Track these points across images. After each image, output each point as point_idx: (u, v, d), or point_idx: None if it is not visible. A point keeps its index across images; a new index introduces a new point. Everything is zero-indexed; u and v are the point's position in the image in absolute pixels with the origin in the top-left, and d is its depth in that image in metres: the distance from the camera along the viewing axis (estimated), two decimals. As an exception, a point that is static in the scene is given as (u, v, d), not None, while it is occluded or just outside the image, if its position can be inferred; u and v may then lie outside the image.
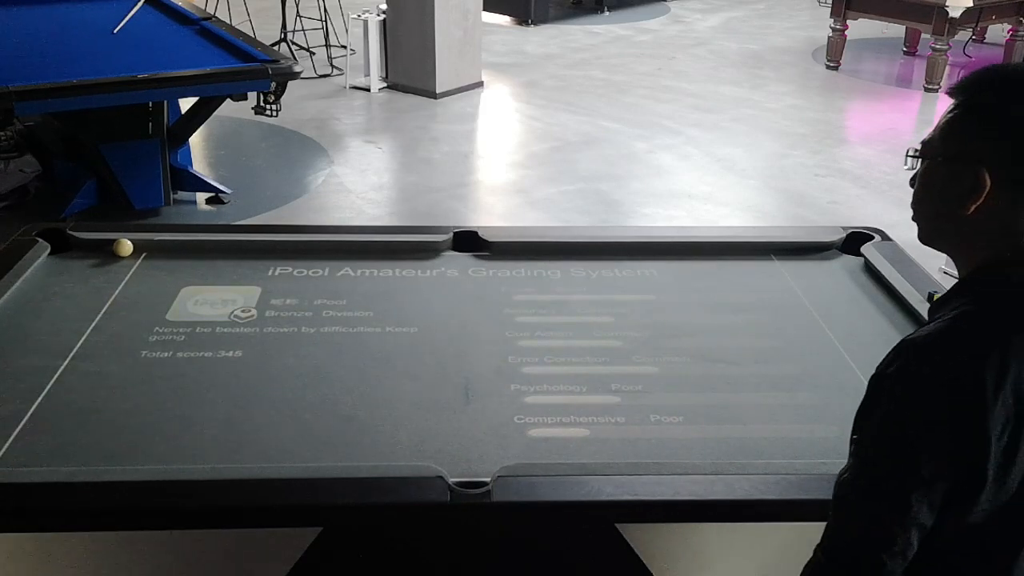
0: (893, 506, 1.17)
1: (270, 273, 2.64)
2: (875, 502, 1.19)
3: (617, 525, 1.78)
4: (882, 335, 2.43)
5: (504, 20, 9.93)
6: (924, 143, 1.31)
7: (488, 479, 1.78)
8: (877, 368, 1.23)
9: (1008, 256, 1.23)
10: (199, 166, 5.76)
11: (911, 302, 2.51)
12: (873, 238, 2.86)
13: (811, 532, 1.70)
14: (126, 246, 2.68)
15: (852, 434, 1.25)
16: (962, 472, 1.15)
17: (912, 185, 1.34)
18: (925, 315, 2.45)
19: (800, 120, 7.12)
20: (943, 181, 1.27)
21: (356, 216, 5.33)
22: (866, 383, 1.24)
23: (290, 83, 4.89)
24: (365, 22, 7.38)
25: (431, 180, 5.86)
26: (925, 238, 1.34)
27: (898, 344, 1.23)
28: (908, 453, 1.17)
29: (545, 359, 2.27)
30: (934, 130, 1.30)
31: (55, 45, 5.02)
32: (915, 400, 1.17)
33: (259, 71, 4.73)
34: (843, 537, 1.22)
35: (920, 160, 1.31)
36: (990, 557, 1.22)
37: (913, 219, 1.35)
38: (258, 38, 5.68)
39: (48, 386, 2.10)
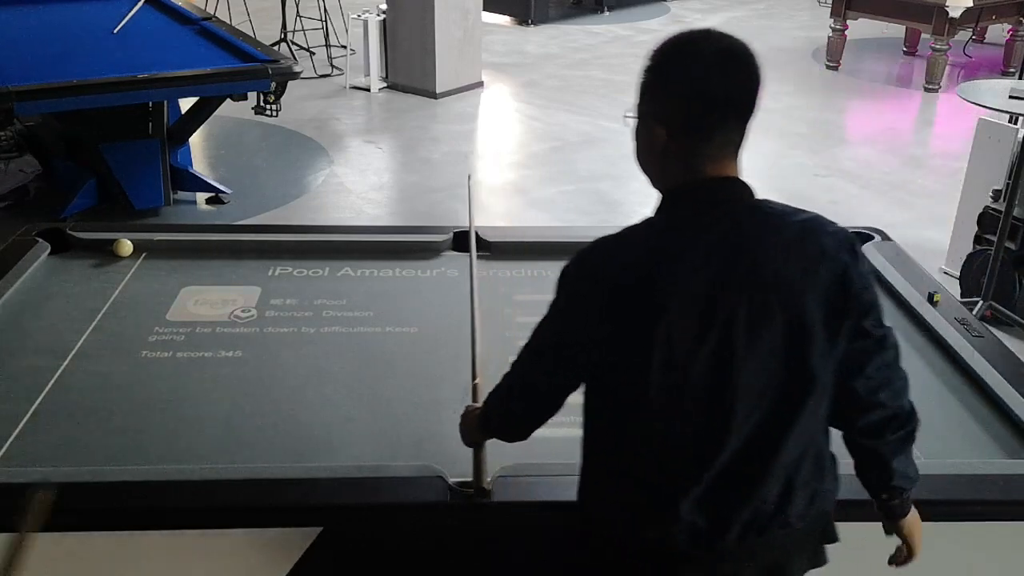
0: (524, 359, 1.56)
1: (270, 273, 2.64)
2: (521, 356, 1.57)
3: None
4: (882, 335, 2.43)
5: (504, 20, 9.92)
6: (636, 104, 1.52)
7: (488, 479, 1.78)
8: None
9: (688, 182, 1.45)
10: (199, 166, 5.75)
11: (911, 302, 2.51)
12: (873, 238, 2.85)
13: (811, 532, 1.69)
14: (126, 246, 2.68)
15: None
16: (595, 350, 1.44)
17: None
18: (925, 315, 2.45)
19: (800, 120, 7.12)
20: (640, 135, 1.49)
21: (356, 216, 5.33)
22: None
23: (290, 83, 4.88)
24: (365, 22, 7.38)
25: (431, 180, 5.86)
26: (644, 173, 1.54)
27: None
28: (544, 326, 1.52)
29: (545, 359, 2.26)
30: None
31: (55, 45, 5.01)
32: (557, 288, 1.49)
33: (259, 71, 4.73)
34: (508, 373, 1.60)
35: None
36: (652, 433, 1.45)
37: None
38: (258, 38, 5.68)
39: (48, 386, 2.10)
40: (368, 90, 7.48)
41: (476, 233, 2.79)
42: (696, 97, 1.40)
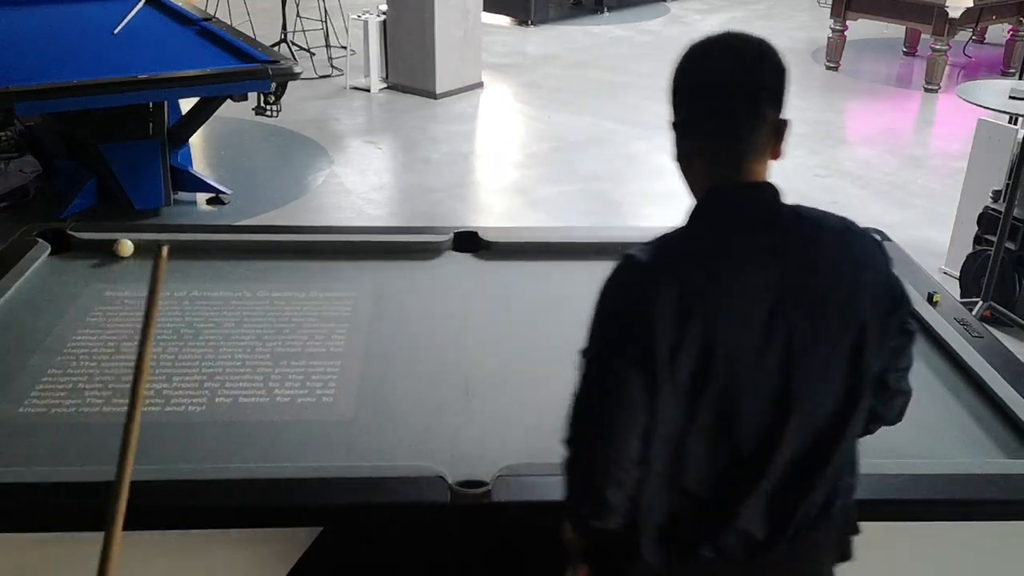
0: (579, 393, 1.43)
1: (269, 273, 2.64)
2: (576, 396, 1.44)
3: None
4: (882, 335, 2.43)
5: (504, 20, 9.92)
6: None
7: (488, 479, 1.79)
8: None
9: (711, 190, 1.44)
10: (199, 166, 5.75)
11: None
12: (873, 238, 2.85)
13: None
14: (126, 246, 2.68)
15: None
16: (646, 367, 1.35)
17: None
18: (925, 315, 2.45)
19: (800, 120, 7.09)
20: (674, 145, 1.48)
21: (356, 216, 5.33)
22: None
23: (290, 83, 4.89)
24: (365, 22, 7.38)
25: (431, 180, 5.86)
26: (686, 187, 1.50)
27: None
28: (590, 349, 1.42)
29: (545, 359, 2.27)
30: None
31: (55, 45, 5.01)
32: (597, 310, 1.43)
33: (259, 71, 4.73)
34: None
35: None
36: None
37: None
38: (258, 38, 5.68)
39: (47, 386, 2.10)
40: (368, 90, 7.48)
41: (476, 233, 2.80)
42: (713, 104, 1.41)
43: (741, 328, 1.36)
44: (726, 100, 1.40)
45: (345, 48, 7.84)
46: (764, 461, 1.42)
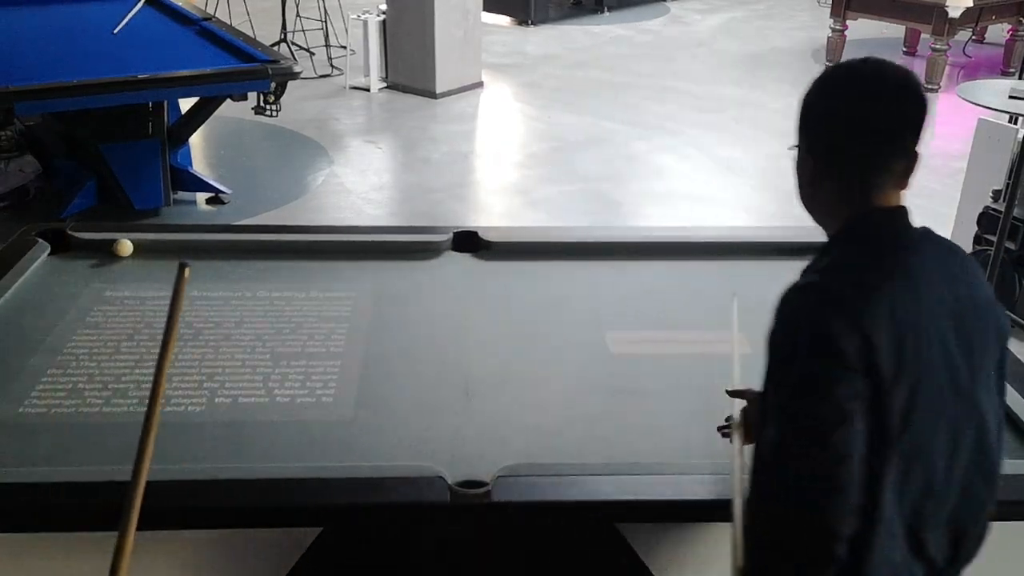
0: (782, 446, 1.31)
1: (269, 272, 2.64)
2: (779, 454, 1.31)
3: (617, 525, 1.78)
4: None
5: (504, 20, 9.92)
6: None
7: (488, 479, 1.79)
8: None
9: (860, 215, 1.42)
10: (199, 166, 5.75)
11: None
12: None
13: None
14: (126, 246, 2.68)
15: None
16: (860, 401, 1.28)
17: None
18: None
19: (800, 120, 7.11)
20: (804, 171, 1.49)
21: (356, 216, 5.33)
22: None
23: (290, 83, 4.89)
24: (365, 22, 7.38)
25: (431, 180, 5.86)
26: (806, 211, 1.53)
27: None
28: (794, 377, 1.31)
29: (545, 359, 2.27)
30: None
31: (55, 45, 5.01)
32: (785, 351, 1.33)
33: (259, 71, 4.73)
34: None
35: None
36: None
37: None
38: (258, 38, 5.68)
39: (47, 386, 2.10)
40: (368, 90, 7.48)
41: (476, 232, 2.80)
42: (859, 129, 1.40)
43: (938, 349, 1.35)
44: (870, 128, 1.40)
45: (345, 48, 7.84)
46: (948, 485, 1.41)
